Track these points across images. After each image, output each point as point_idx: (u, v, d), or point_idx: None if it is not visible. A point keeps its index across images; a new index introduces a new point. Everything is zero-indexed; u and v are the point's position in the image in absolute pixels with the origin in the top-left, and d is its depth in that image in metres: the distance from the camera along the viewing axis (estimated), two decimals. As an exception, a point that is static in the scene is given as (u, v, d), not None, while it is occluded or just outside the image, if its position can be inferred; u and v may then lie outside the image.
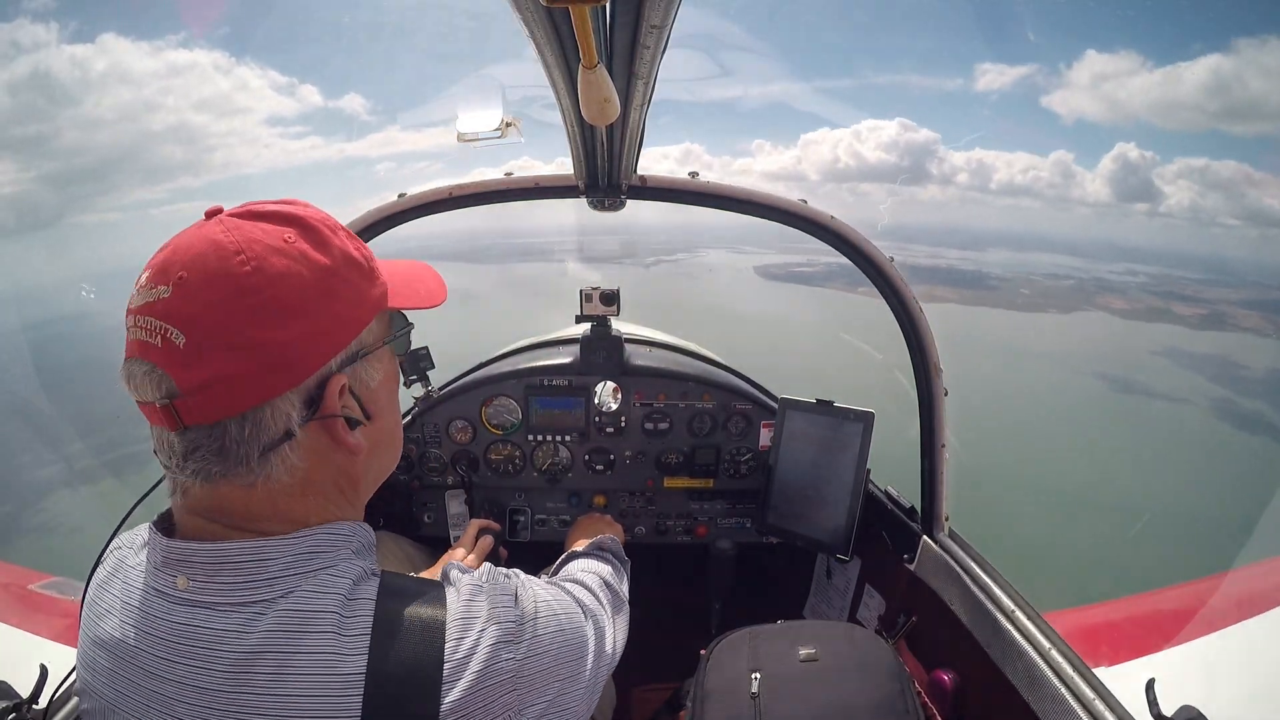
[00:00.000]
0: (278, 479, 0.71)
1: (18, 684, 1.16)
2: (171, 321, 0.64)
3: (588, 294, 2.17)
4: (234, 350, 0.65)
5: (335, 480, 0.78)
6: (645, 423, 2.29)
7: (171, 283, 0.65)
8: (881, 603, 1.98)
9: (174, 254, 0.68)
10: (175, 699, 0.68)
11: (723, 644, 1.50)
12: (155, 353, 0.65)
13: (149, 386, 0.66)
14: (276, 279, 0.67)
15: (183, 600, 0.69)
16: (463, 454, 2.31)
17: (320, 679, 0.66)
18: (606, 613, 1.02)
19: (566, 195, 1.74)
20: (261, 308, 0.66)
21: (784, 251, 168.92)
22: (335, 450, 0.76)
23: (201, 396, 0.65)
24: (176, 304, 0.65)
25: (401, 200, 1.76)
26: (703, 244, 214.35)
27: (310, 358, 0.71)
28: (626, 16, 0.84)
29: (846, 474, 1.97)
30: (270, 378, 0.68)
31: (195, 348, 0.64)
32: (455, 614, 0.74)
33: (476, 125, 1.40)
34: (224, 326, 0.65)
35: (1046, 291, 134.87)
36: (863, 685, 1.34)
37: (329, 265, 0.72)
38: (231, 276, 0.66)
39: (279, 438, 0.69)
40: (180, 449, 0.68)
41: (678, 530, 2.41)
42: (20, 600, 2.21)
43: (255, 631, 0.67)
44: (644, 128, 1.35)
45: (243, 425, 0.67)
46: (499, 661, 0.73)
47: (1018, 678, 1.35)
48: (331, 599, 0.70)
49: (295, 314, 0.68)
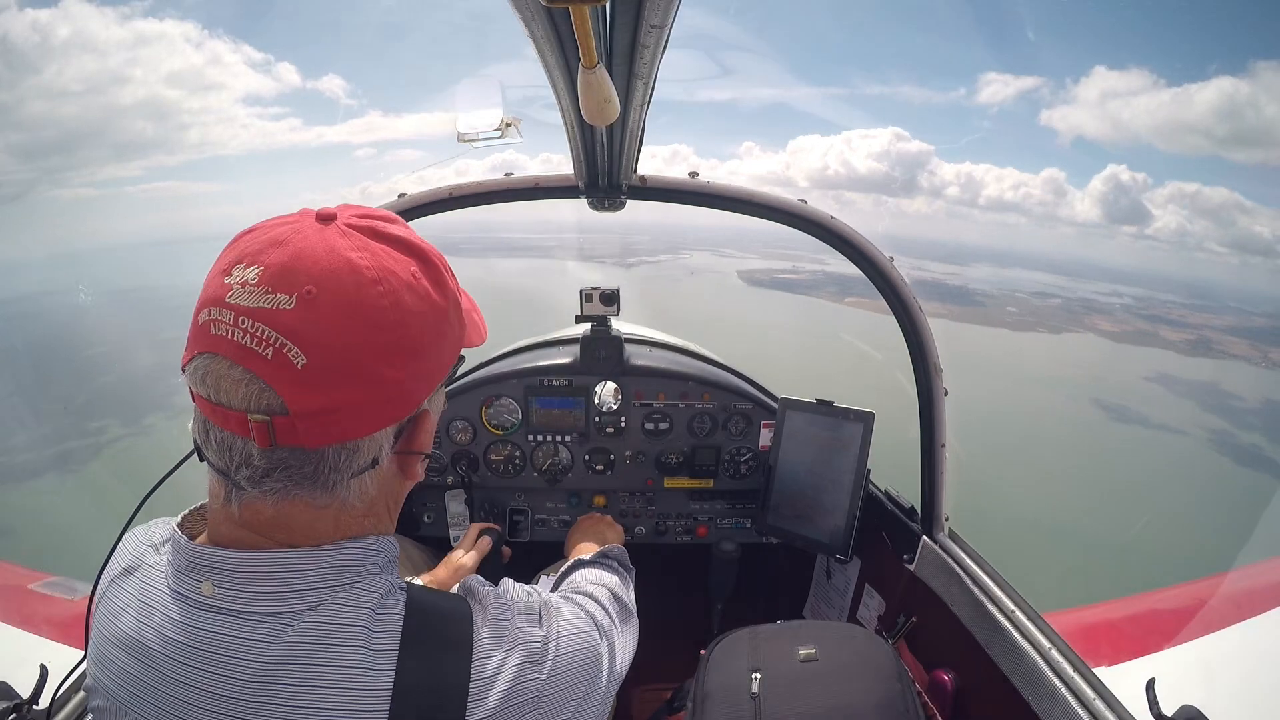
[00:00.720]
0: (351, 504, 0.71)
1: (18, 684, 1.16)
2: (294, 339, 0.61)
3: (588, 294, 2.17)
4: (358, 382, 0.64)
5: (387, 502, 0.79)
6: (645, 423, 2.29)
7: (298, 295, 0.61)
8: (881, 603, 1.98)
9: (298, 261, 0.63)
10: (194, 704, 0.67)
11: (723, 644, 1.50)
12: (261, 364, 0.61)
13: (243, 395, 0.62)
14: (409, 318, 0.67)
15: (207, 606, 0.68)
16: (463, 454, 2.31)
17: (347, 692, 0.65)
18: (617, 626, 1.02)
19: (566, 195, 1.74)
20: (393, 345, 0.65)
21: (767, 257, 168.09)
22: (400, 477, 0.77)
23: (313, 422, 0.63)
24: (303, 322, 0.61)
25: (401, 200, 1.76)
26: (685, 246, 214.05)
27: (418, 395, 0.72)
28: (626, 16, 0.84)
29: (846, 474, 1.97)
30: (386, 411, 0.68)
31: (317, 372, 0.62)
32: (483, 633, 0.74)
33: (476, 125, 1.40)
34: (354, 358, 0.63)
35: (1034, 310, 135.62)
36: (863, 685, 1.34)
37: (445, 308, 0.72)
38: (370, 307, 0.64)
39: (366, 466, 0.70)
40: (261, 465, 0.65)
41: (678, 530, 2.41)
42: (20, 600, 2.21)
43: (282, 642, 0.66)
44: (644, 128, 1.35)
45: (340, 453, 0.67)
46: (524, 682, 0.73)
47: (1018, 678, 1.35)
48: (361, 613, 0.69)
49: (418, 355, 0.69)
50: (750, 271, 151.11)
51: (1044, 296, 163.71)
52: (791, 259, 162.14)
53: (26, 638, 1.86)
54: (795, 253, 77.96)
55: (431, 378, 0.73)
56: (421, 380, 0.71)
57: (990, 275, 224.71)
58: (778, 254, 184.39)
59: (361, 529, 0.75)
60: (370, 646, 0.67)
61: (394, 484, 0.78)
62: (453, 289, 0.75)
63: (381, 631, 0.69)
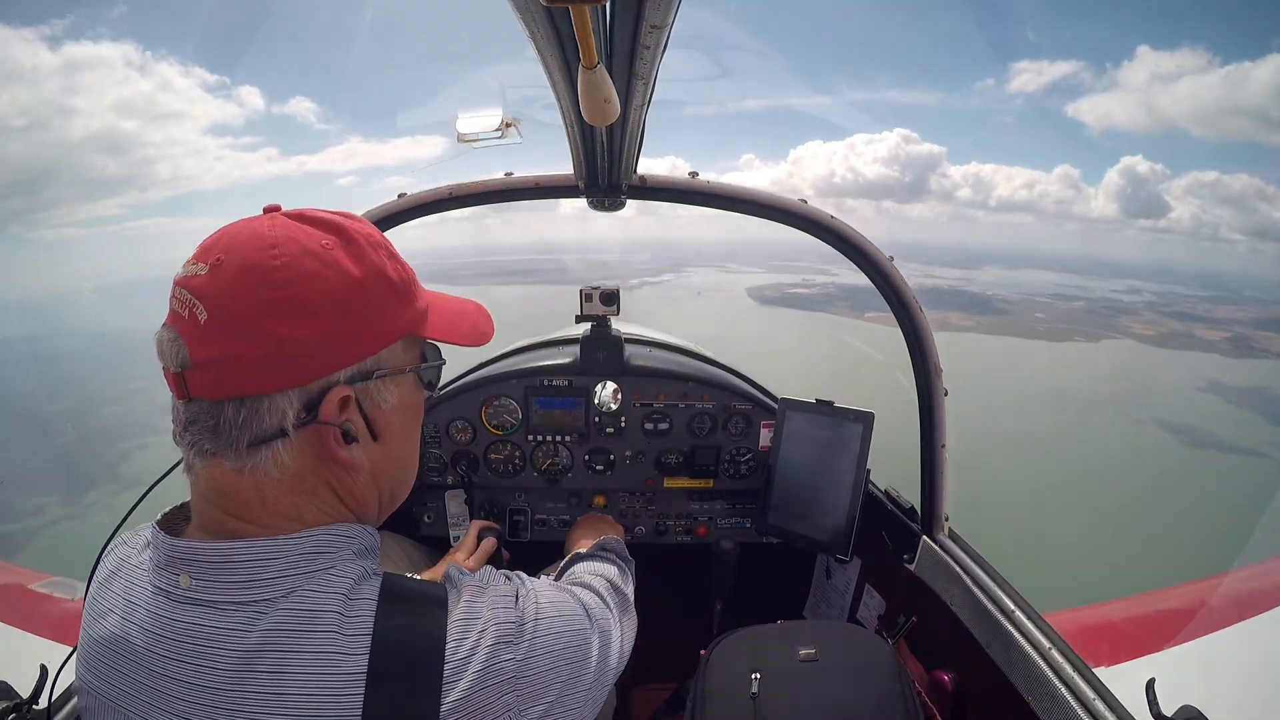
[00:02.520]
0: (265, 471, 0.72)
1: (18, 684, 1.16)
2: (200, 297, 0.68)
3: (588, 294, 2.17)
4: (248, 337, 0.68)
5: (331, 488, 0.78)
6: (645, 423, 2.29)
7: (210, 263, 0.69)
8: (881, 603, 1.98)
9: (219, 239, 0.72)
10: (177, 697, 0.68)
11: (723, 644, 1.50)
12: (182, 323, 0.69)
13: (170, 353, 0.70)
14: (301, 278, 0.69)
15: (185, 599, 0.70)
16: (463, 454, 2.31)
17: (321, 677, 0.66)
18: (613, 615, 1.02)
19: (567, 195, 1.74)
20: (282, 301, 0.68)
21: (773, 270, 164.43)
22: (329, 460, 0.76)
23: (208, 372, 0.68)
24: (208, 282, 0.68)
25: (401, 200, 1.76)
26: (687, 262, 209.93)
27: (318, 363, 0.72)
28: (626, 16, 0.84)
29: (846, 474, 1.97)
30: (273, 371, 0.69)
31: (214, 325, 0.68)
32: (456, 615, 0.74)
33: (476, 125, 1.40)
34: (244, 311, 0.68)
35: (1063, 316, 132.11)
36: (863, 685, 1.34)
37: (358, 278, 0.73)
38: (262, 267, 0.69)
39: (272, 433, 0.70)
40: (184, 417, 0.72)
41: (678, 530, 2.41)
42: (20, 600, 2.22)
43: (256, 630, 0.67)
44: (644, 128, 1.35)
45: (239, 410, 0.69)
46: (499, 662, 0.74)
47: (1018, 678, 1.35)
48: (333, 598, 0.70)
49: (312, 315, 0.70)
50: (759, 288, 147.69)
51: (1065, 299, 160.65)
52: (798, 271, 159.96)
53: (26, 638, 1.86)
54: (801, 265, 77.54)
55: (340, 346, 0.73)
56: (323, 347, 0.71)
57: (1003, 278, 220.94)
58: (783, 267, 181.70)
59: (318, 514, 0.76)
60: (343, 631, 0.69)
61: (326, 466, 0.76)
62: (375, 264, 0.76)
63: (354, 617, 0.70)
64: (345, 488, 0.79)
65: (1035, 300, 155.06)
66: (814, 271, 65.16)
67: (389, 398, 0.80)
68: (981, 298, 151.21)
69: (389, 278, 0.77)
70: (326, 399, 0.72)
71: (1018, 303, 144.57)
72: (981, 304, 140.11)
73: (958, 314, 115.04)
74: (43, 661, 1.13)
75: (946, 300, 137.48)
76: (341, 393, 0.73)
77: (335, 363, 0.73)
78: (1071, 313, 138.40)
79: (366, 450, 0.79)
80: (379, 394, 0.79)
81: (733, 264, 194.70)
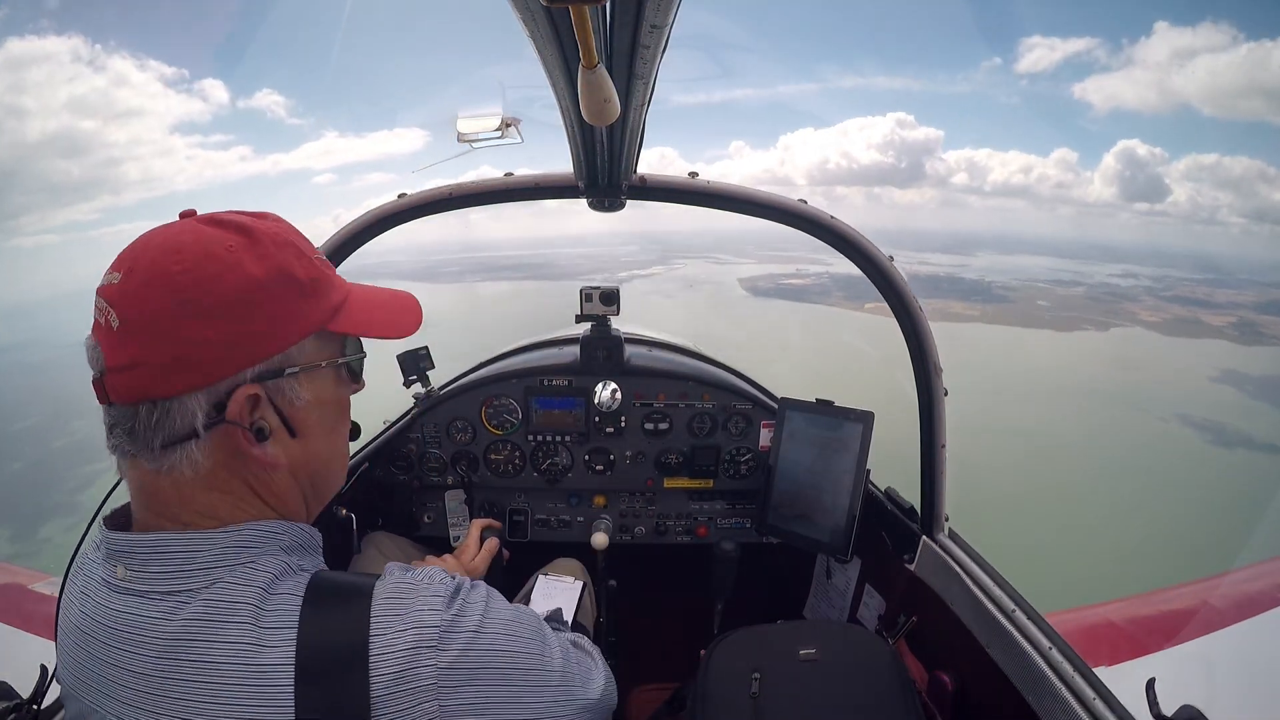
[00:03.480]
0: (180, 470, 0.74)
1: (18, 684, 1.16)
2: (114, 305, 0.71)
3: (588, 294, 2.17)
4: (155, 341, 0.70)
5: (249, 485, 0.79)
6: (645, 423, 2.29)
7: (123, 271, 0.72)
8: (881, 603, 1.98)
9: (133, 247, 0.74)
10: (116, 682, 0.72)
11: (723, 644, 1.50)
12: (100, 331, 0.72)
13: (92, 359, 0.73)
14: (202, 281, 0.71)
15: (121, 589, 0.73)
16: (463, 454, 2.31)
17: (239, 667, 0.68)
18: (587, 652, 1.04)
19: (567, 195, 1.74)
20: (183, 304, 0.70)
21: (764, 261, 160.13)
22: (244, 458, 0.77)
23: (120, 377, 0.71)
24: (120, 290, 0.71)
25: (401, 200, 1.76)
26: (676, 254, 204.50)
27: (223, 363, 0.73)
28: (626, 16, 0.84)
29: (846, 474, 1.97)
30: (180, 373, 0.71)
31: (125, 331, 0.70)
32: (378, 610, 0.74)
33: (476, 126, 1.40)
34: (150, 317, 0.70)
35: (1066, 303, 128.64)
36: (863, 685, 1.34)
37: (258, 278, 0.74)
38: (166, 273, 0.71)
39: (184, 434, 0.72)
40: (107, 422, 0.74)
41: (678, 530, 2.40)
42: (20, 600, 2.22)
43: (178, 619, 0.70)
44: (644, 128, 1.35)
45: (151, 413, 0.72)
46: (416, 666, 0.72)
47: (1018, 678, 1.35)
48: (250, 591, 0.72)
49: (214, 317, 0.71)
50: (752, 279, 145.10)
51: (1064, 284, 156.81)
52: (791, 261, 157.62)
53: (26, 638, 1.86)
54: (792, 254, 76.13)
55: (243, 346, 0.74)
56: (229, 347, 0.73)
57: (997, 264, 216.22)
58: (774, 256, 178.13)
59: (237, 511, 0.77)
60: (259, 623, 0.70)
61: (244, 465, 0.77)
62: (278, 263, 0.76)
63: (273, 610, 0.71)
64: (264, 485, 0.80)
65: (1036, 286, 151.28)
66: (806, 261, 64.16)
67: (304, 394, 0.81)
68: (980, 285, 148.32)
69: (294, 276, 0.78)
70: (233, 398, 0.73)
71: (1018, 289, 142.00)
72: (982, 291, 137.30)
73: (959, 303, 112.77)
74: (43, 662, 1.13)
75: (945, 288, 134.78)
76: (248, 391, 0.74)
77: (239, 363, 0.74)
78: (1073, 299, 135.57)
79: (284, 447, 0.79)
80: (292, 390, 0.79)
81: (723, 255, 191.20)
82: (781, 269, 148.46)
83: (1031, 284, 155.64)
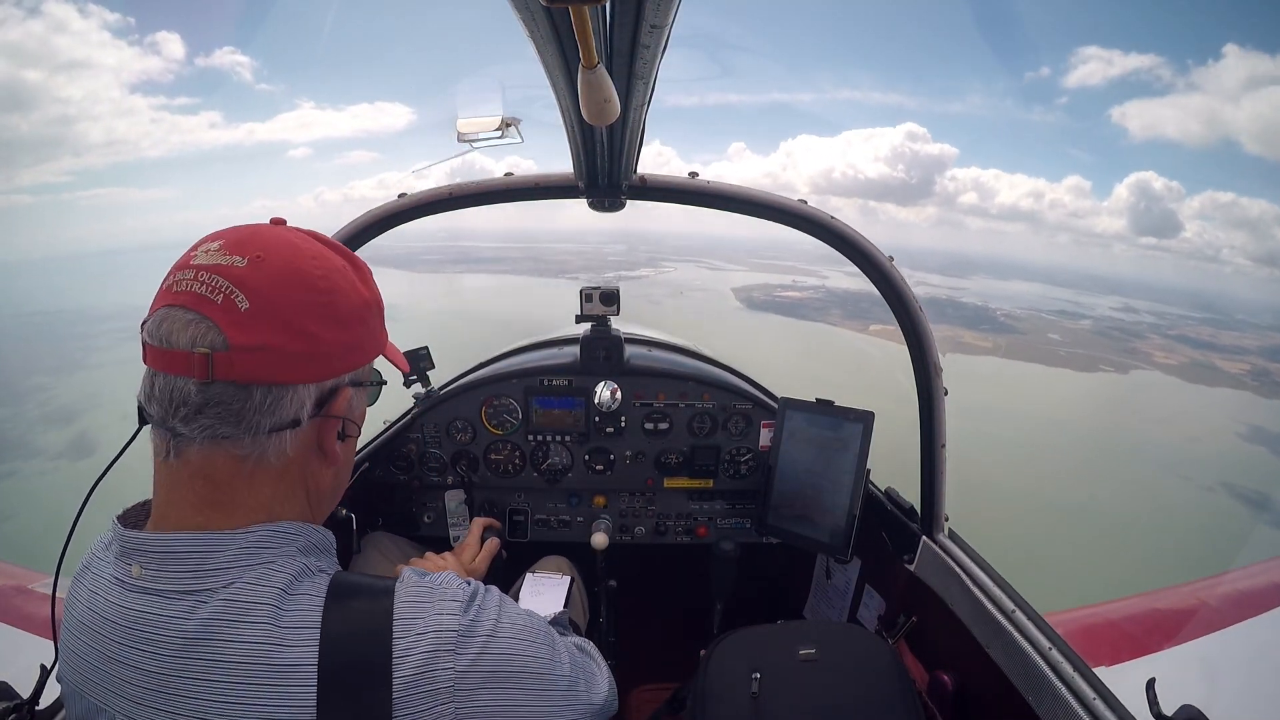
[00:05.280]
0: (268, 458, 0.76)
1: (18, 684, 1.16)
2: (241, 288, 0.72)
3: (588, 294, 2.17)
4: (285, 330, 0.74)
5: (304, 482, 0.83)
6: (645, 423, 2.29)
7: (249, 257, 0.74)
8: (881, 603, 1.98)
9: (253, 237, 0.77)
10: (129, 682, 0.72)
11: (723, 644, 1.50)
12: (212, 307, 0.71)
13: (190, 334, 0.71)
14: (338, 289, 0.79)
15: (136, 588, 0.73)
16: (463, 454, 2.31)
17: (257, 667, 0.69)
18: (592, 655, 1.05)
19: (567, 195, 1.74)
20: (322, 306, 0.77)
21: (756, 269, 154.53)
22: (316, 453, 0.82)
23: (247, 356, 0.72)
24: (251, 276, 0.73)
25: (401, 200, 1.76)
26: (665, 256, 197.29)
27: (339, 364, 0.81)
28: (626, 16, 0.84)
29: (846, 474, 1.97)
30: (304, 365, 0.76)
31: (256, 314, 0.72)
32: (400, 613, 0.76)
33: (476, 125, 1.40)
34: (287, 308, 0.74)
35: (1078, 339, 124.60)
36: (863, 685, 1.34)
37: (369, 300, 0.85)
38: (307, 274, 0.77)
39: (289, 421, 0.76)
40: (196, 401, 0.72)
41: (678, 530, 2.40)
42: (20, 600, 2.22)
43: (196, 618, 0.70)
44: (644, 128, 1.35)
45: (267, 396, 0.74)
46: (434, 669, 0.74)
47: (1018, 678, 1.35)
48: (269, 591, 0.72)
49: (342, 324, 0.80)
50: (747, 289, 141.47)
51: (1070, 316, 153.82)
52: (787, 271, 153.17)
53: (27, 638, 1.86)
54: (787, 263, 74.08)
55: (353, 354, 0.83)
56: (344, 351, 0.81)
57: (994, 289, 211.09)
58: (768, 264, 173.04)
59: (278, 508, 0.79)
60: (279, 623, 0.71)
61: (311, 460, 0.82)
62: (376, 291, 0.88)
63: (293, 610, 0.72)
64: (314, 484, 0.84)
65: (1042, 317, 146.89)
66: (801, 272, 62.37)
67: (361, 404, 0.91)
68: (985, 312, 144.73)
69: (380, 304, 0.89)
70: (340, 395, 0.81)
71: (1023, 319, 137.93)
72: (988, 320, 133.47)
73: (968, 331, 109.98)
74: (43, 662, 1.13)
75: (950, 314, 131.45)
76: (350, 393, 0.83)
77: (347, 368, 0.82)
78: (1082, 334, 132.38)
79: (343, 447, 0.86)
80: (357, 399, 0.88)
81: (714, 260, 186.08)
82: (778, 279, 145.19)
83: (1036, 314, 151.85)
